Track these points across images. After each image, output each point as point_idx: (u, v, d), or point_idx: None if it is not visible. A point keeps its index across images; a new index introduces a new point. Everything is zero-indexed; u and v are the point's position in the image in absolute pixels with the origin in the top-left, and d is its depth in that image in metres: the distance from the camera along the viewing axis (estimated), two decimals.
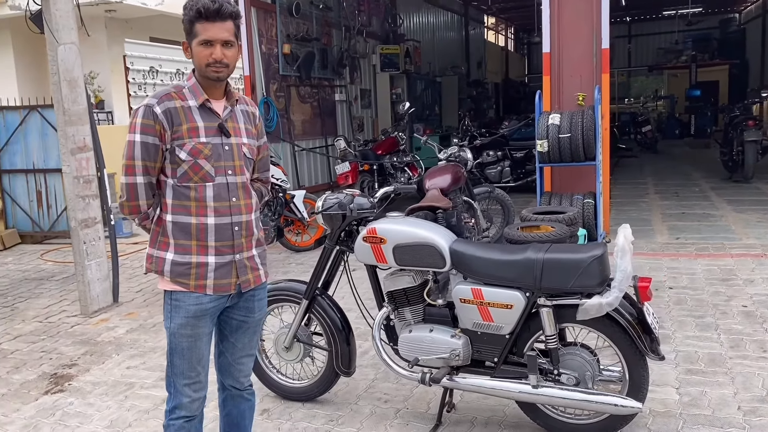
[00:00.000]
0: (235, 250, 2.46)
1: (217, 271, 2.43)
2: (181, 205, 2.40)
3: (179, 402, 2.50)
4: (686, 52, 24.19)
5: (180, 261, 2.41)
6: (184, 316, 2.43)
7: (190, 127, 2.37)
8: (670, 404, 3.44)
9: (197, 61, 2.38)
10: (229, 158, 2.43)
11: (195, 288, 2.42)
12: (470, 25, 21.21)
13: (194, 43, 2.36)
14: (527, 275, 2.97)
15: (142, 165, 2.36)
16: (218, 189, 2.41)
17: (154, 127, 2.34)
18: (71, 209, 5.61)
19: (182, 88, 2.43)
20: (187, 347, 2.45)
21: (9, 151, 8.94)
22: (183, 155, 2.36)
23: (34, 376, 4.35)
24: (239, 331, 2.61)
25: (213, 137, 2.40)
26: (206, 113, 2.42)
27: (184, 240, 2.41)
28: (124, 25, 13.72)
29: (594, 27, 6.76)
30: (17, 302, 6.16)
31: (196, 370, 2.49)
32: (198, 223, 2.40)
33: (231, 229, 2.44)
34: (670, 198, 9.47)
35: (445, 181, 5.81)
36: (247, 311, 2.59)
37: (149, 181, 2.39)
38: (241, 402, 2.74)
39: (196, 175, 2.38)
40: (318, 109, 10.85)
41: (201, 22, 2.32)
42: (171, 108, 2.36)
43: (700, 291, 5.21)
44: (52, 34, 5.33)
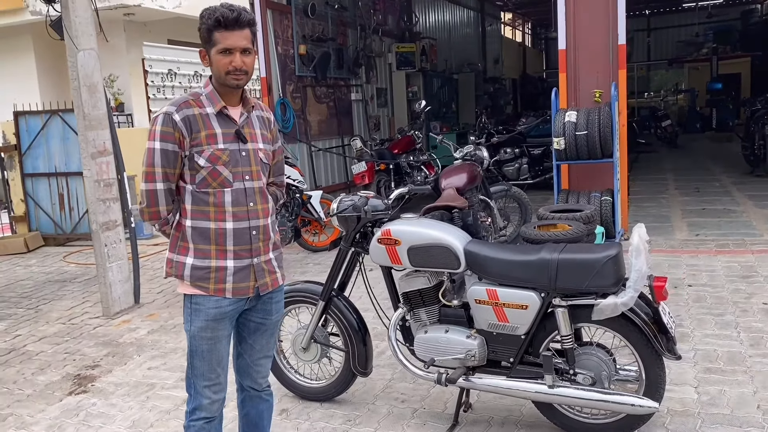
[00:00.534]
0: (253, 253, 2.51)
1: (236, 274, 2.47)
2: (200, 210, 2.45)
3: (199, 403, 2.55)
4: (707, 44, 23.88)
5: (199, 265, 2.46)
6: (204, 319, 2.47)
7: (208, 134, 2.42)
8: (689, 403, 3.42)
9: (217, 69, 2.42)
10: (246, 164, 2.48)
11: (215, 291, 2.46)
12: (487, 21, 21.13)
13: (213, 52, 2.40)
14: (542, 276, 2.98)
15: (162, 172, 2.41)
16: (236, 194, 2.45)
17: (173, 134, 2.38)
18: (92, 212, 5.70)
19: (199, 96, 2.47)
20: (207, 350, 2.50)
21: (31, 155, 9.10)
22: (202, 162, 2.40)
23: (58, 377, 4.44)
24: (257, 333, 2.65)
25: (230, 143, 2.45)
26: (223, 120, 2.46)
27: (204, 244, 2.45)
28: (142, 28, 13.88)
29: (610, 23, 6.70)
30: (41, 304, 6.28)
31: (215, 371, 2.54)
32: (217, 227, 2.44)
33: (249, 233, 2.48)
34: (690, 194, 9.37)
35: (461, 180, 5.82)
36: (265, 313, 2.63)
37: (169, 188, 2.44)
38: (260, 403, 2.79)
39: (214, 180, 2.42)
40: (334, 109, 10.89)
41: (220, 30, 2.36)
42: (190, 115, 2.40)
43: (719, 288, 5.16)
44: (72, 40, 5.42)
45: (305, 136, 9.71)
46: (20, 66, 14.01)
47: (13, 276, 7.57)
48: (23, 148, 9.11)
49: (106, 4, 12.22)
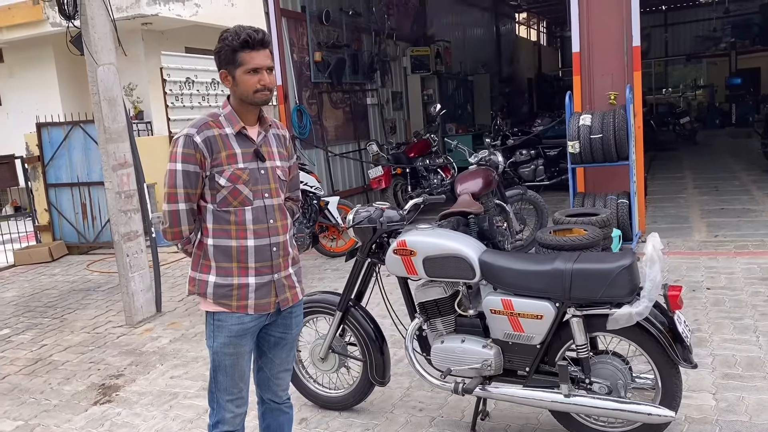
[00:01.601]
0: (274, 269, 2.56)
1: (258, 291, 2.53)
2: (221, 229, 2.50)
3: (222, 417, 2.62)
4: (725, 39, 23.63)
5: (222, 283, 2.51)
6: (226, 336, 2.53)
7: (229, 154, 2.47)
8: (706, 410, 3.42)
9: (244, 88, 2.47)
10: (265, 182, 2.54)
11: (237, 308, 2.51)
12: (501, 21, 21.07)
13: (240, 72, 2.45)
14: (556, 286, 3.00)
15: (184, 193, 2.46)
16: (256, 212, 2.51)
17: (194, 155, 2.44)
18: (114, 224, 5.81)
19: (218, 116, 2.53)
20: (230, 365, 2.56)
21: (54, 166, 9.28)
22: (222, 181, 2.46)
23: (83, 387, 4.55)
24: (277, 348, 2.71)
25: (250, 162, 2.51)
26: (242, 140, 2.52)
27: (226, 262, 2.51)
28: (160, 36, 14.08)
29: (624, 24, 6.68)
30: (66, 313, 6.41)
31: (238, 386, 2.60)
32: (238, 245, 2.50)
33: (270, 250, 2.54)
34: (709, 193, 9.30)
35: (476, 186, 5.86)
36: (285, 328, 2.69)
37: (191, 208, 2.50)
38: (280, 415, 2.84)
39: (235, 199, 2.48)
40: (350, 114, 10.95)
41: (247, 51, 2.43)
42: (210, 136, 2.46)
43: (738, 291, 5.14)
44: (92, 56, 5.53)
45: (322, 142, 9.78)
46: (42, 77, 14.28)
47: (39, 285, 7.73)
48: (46, 158, 9.29)
49: (125, 14, 12.43)
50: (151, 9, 12.55)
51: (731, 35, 23.33)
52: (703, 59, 24.28)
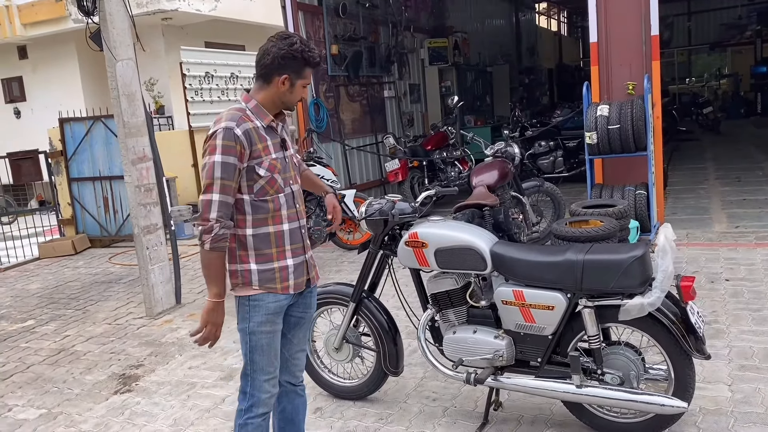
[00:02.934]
0: (306, 250, 2.76)
1: (295, 271, 2.70)
2: (260, 218, 2.62)
3: (258, 399, 2.69)
4: (750, 26, 23.13)
5: (264, 269, 2.63)
6: (264, 314, 2.64)
7: (264, 146, 2.61)
8: (722, 402, 3.40)
9: (294, 96, 2.66)
10: (289, 169, 2.72)
11: (282, 290, 2.66)
12: (520, 11, 20.89)
13: (299, 84, 2.64)
14: (568, 276, 3.00)
15: (221, 184, 2.50)
16: (288, 198, 2.68)
17: (235, 147, 2.51)
18: (134, 217, 5.91)
19: (245, 110, 2.61)
20: (267, 343, 2.67)
21: (77, 160, 9.44)
22: (262, 172, 2.58)
23: (104, 377, 4.65)
24: (297, 327, 2.84)
25: (278, 153, 2.67)
26: (271, 132, 2.66)
27: (266, 249, 2.63)
28: (179, 31, 14.19)
29: (642, 13, 6.60)
30: (88, 305, 6.54)
31: (273, 365, 2.71)
32: (276, 231, 2.65)
33: (300, 232, 2.73)
34: (731, 183, 9.16)
35: (491, 178, 5.83)
36: (305, 307, 2.84)
37: (224, 200, 2.51)
38: (295, 398, 2.93)
39: (272, 188, 2.62)
40: (367, 107, 10.96)
41: (310, 68, 2.64)
42: (248, 129, 2.56)
43: (758, 282, 5.07)
44: (110, 51, 5.61)
45: (339, 135, 9.81)
46: (65, 73, 14.50)
47: (62, 277, 7.89)
48: (69, 153, 9.45)
49: (144, 9, 12.55)
50: (170, 4, 12.66)
51: (757, 23, 22.82)
52: (727, 48, 23.79)
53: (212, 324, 2.60)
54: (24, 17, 13.85)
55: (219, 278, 2.55)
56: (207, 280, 2.58)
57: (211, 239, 2.49)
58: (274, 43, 2.59)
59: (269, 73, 2.60)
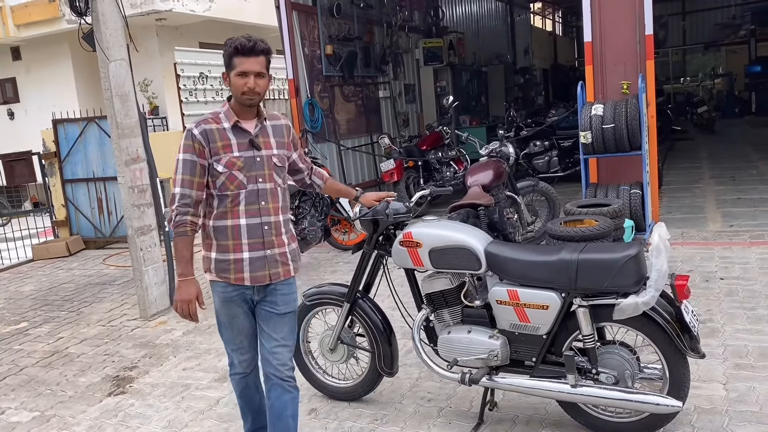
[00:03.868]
0: (266, 246, 2.87)
1: (252, 265, 2.85)
2: (221, 211, 2.85)
3: (231, 362, 3.09)
4: (745, 26, 23.18)
5: (221, 258, 2.86)
6: (219, 300, 2.95)
7: (224, 144, 2.82)
8: (716, 400, 3.40)
9: (234, 89, 2.82)
10: (260, 168, 2.86)
11: (235, 280, 2.86)
12: (515, 11, 20.90)
13: (232, 75, 2.80)
14: (562, 276, 2.99)
15: (181, 179, 2.80)
16: (249, 195, 2.84)
17: (192, 146, 2.80)
18: (128, 218, 5.88)
19: (218, 114, 2.88)
20: (227, 322, 2.97)
21: (70, 162, 9.40)
22: (220, 168, 2.80)
23: (98, 379, 4.62)
24: (268, 322, 2.97)
25: (245, 151, 2.84)
26: (238, 132, 2.85)
27: (224, 240, 2.85)
28: (174, 32, 14.16)
29: (636, 13, 6.60)
30: (82, 307, 6.51)
31: (238, 338, 3.00)
32: (233, 224, 2.84)
33: (261, 228, 2.86)
34: (725, 182, 9.18)
35: (486, 178, 5.84)
36: (272, 305, 2.95)
37: (186, 193, 2.80)
38: (284, 393, 2.97)
39: (231, 184, 2.82)
40: (362, 107, 10.94)
41: (238, 56, 2.77)
42: (207, 129, 2.82)
43: (752, 281, 5.08)
44: (103, 52, 5.59)
45: (334, 136, 9.80)
46: (59, 73, 14.45)
47: (56, 279, 7.85)
48: (62, 154, 9.41)
49: (138, 10, 12.51)
50: (164, 5, 12.63)
51: (751, 22, 22.89)
52: (721, 47, 23.87)
53: (180, 301, 2.83)
54: (17, 18, 13.81)
55: (181, 260, 2.81)
56: (175, 260, 2.88)
57: (172, 226, 2.83)
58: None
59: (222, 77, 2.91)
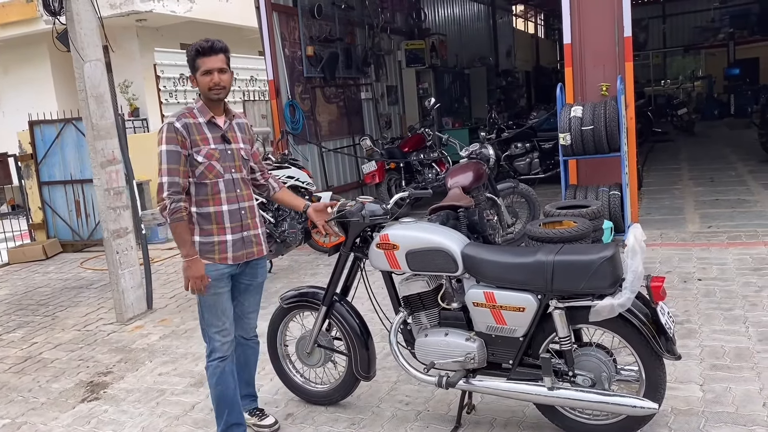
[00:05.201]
0: (244, 228, 3.24)
1: (234, 245, 3.20)
2: (202, 199, 3.15)
3: (213, 346, 3.26)
4: (723, 29, 23.49)
5: (205, 241, 3.17)
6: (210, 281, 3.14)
7: (202, 138, 3.15)
8: (693, 402, 3.40)
9: (201, 87, 3.14)
10: (231, 159, 3.22)
11: (219, 260, 3.18)
12: (498, 14, 20.96)
13: (198, 75, 3.13)
14: (538, 278, 2.98)
15: (168, 168, 3.06)
16: (227, 183, 3.19)
17: (176, 137, 3.08)
18: (103, 221, 5.80)
19: (192, 109, 3.19)
20: (213, 303, 3.21)
21: (47, 164, 9.26)
22: (200, 158, 3.12)
23: (71, 385, 4.54)
24: (246, 293, 3.40)
25: (219, 144, 3.19)
26: (212, 127, 3.20)
27: (207, 225, 3.16)
28: (154, 33, 14.03)
29: (615, 15, 6.63)
30: (58, 311, 6.40)
31: (221, 320, 3.24)
32: (216, 211, 3.17)
33: (239, 213, 3.23)
34: (704, 184, 9.26)
35: (466, 179, 5.84)
36: (252, 276, 3.37)
37: (174, 181, 3.07)
38: (247, 349, 3.53)
39: (210, 173, 3.14)
40: (344, 109, 10.90)
41: (200, 57, 3.10)
42: (187, 123, 3.12)
43: (730, 282, 5.11)
44: (78, 52, 5.50)
45: (315, 137, 9.74)
46: (37, 75, 14.26)
47: (32, 283, 7.72)
48: (39, 156, 9.27)
49: (118, 11, 12.39)
50: (145, 5, 12.51)
51: (729, 25, 23.19)
52: (701, 50, 24.16)
53: (191, 278, 3.09)
54: None
55: (184, 242, 3.09)
56: (177, 245, 3.13)
57: (168, 213, 3.07)
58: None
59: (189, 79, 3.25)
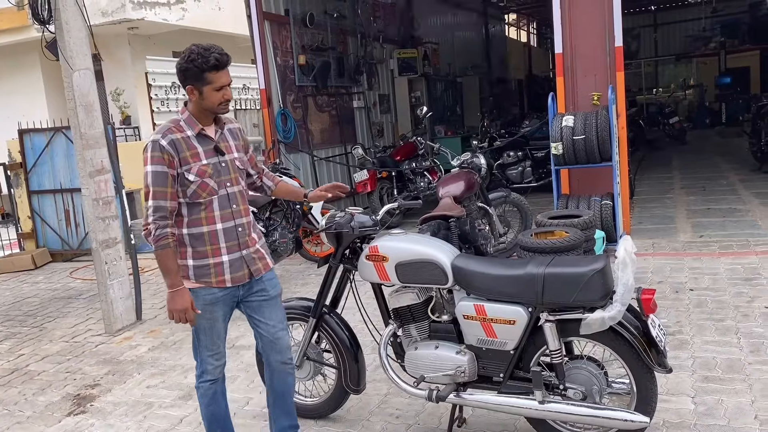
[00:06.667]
0: (242, 247, 2.97)
1: (232, 266, 2.93)
2: (194, 219, 2.88)
3: (205, 369, 3.06)
4: (715, 38, 23.67)
5: (200, 264, 2.90)
6: (201, 304, 2.92)
7: (192, 153, 2.84)
8: (685, 414, 3.38)
9: (210, 102, 2.83)
10: (227, 173, 2.94)
11: (217, 284, 2.92)
12: (490, 22, 21.03)
13: (207, 89, 2.81)
14: (529, 290, 2.95)
15: (153, 191, 2.79)
16: (221, 200, 2.91)
17: (162, 157, 2.78)
18: (92, 231, 5.75)
19: (179, 122, 2.89)
20: (208, 327, 2.99)
21: (37, 173, 9.19)
22: (191, 177, 2.82)
23: (58, 398, 4.47)
24: (264, 309, 3.08)
25: (211, 158, 2.89)
26: (202, 139, 2.90)
27: (200, 247, 2.89)
28: (147, 41, 14.00)
29: (606, 25, 6.65)
30: (46, 322, 6.33)
31: (216, 343, 3.04)
32: (209, 230, 2.89)
33: (236, 231, 2.95)
34: (696, 193, 9.28)
35: (458, 189, 5.81)
36: (262, 292, 3.07)
37: (161, 205, 2.80)
38: (287, 376, 3.20)
39: (203, 191, 2.85)
40: (336, 117, 10.88)
41: (213, 72, 2.78)
42: (174, 139, 2.82)
43: (721, 292, 5.10)
44: (67, 61, 5.46)
45: (307, 146, 9.72)
46: (28, 82, 14.18)
47: (20, 293, 7.64)
48: (28, 165, 9.20)
49: (110, 19, 12.36)
50: (136, 13, 12.49)
51: (720, 34, 23.37)
52: (692, 59, 24.29)
53: (174, 311, 2.84)
54: None
55: (169, 271, 2.82)
56: (162, 273, 2.87)
57: (153, 240, 2.82)
58: (177, 61, 2.85)
59: (182, 86, 2.87)
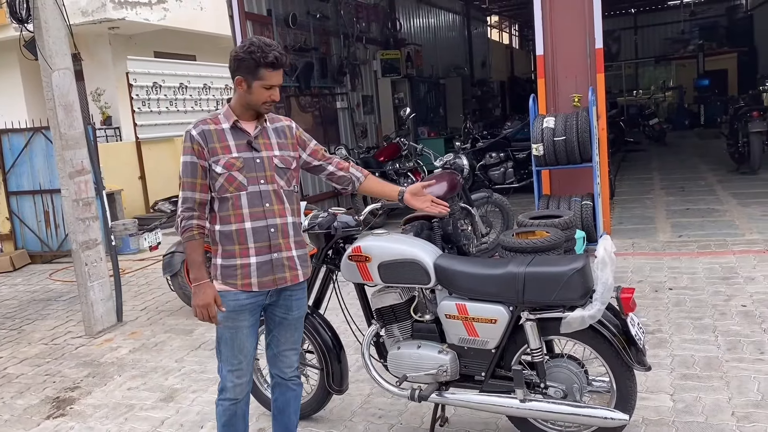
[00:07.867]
0: (273, 249, 2.78)
1: (259, 269, 2.76)
2: (224, 215, 2.77)
3: (225, 385, 2.88)
4: (693, 41, 24.00)
5: (227, 264, 2.77)
6: (227, 310, 2.77)
7: (223, 146, 2.75)
8: (664, 411, 3.42)
9: (256, 99, 2.74)
10: (261, 169, 2.78)
11: (242, 287, 2.76)
12: (472, 24, 21.13)
13: (257, 85, 2.71)
14: (509, 289, 2.97)
15: (183, 181, 2.76)
16: (252, 197, 2.76)
17: (191, 147, 2.74)
18: (72, 232, 5.69)
19: (218, 115, 2.83)
20: (229, 337, 2.81)
21: (15, 173, 9.07)
22: (219, 169, 2.72)
23: (37, 401, 4.42)
24: (281, 327, 2.96)
25: (244, 152, 2.77)
26: (237, 133, 2.78)
27: (229, 245, 2.77)
28: (128, 41, 13.88)
29: (587, 27, 6.72)
30: (24, 324, 6.25)
31: (237, 358, 2.83)
32: (237, 228, 2.75)
33: (267, 231, 2.77)
34: (675, 193, 9.39)
35: (440, 189, 5.82)
36: (286, 309, 2.92)
37: (191, 197, 2.75)
38: (287, 391, 3.07)
39: (231, 185, 2.73)
40: (319, 118, 10.86)
41: (269, 69, 2.69)
42: (205, 130, 2.75)
43: (699, 291, 5.17)
44: (46, 60, 5.40)
45: None
46: (7, 82, 13.99)
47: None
48: (7, 166, 9.07)
49: (90, 18, 12.24)
50: (117, 13, 12.37)
51: (699, 37, 23.69)
52: (672, 61, 24.62)
53: (197, 306, 2.72)
54: None
55: (194, 264, 2.74)
56: (188, 266, 2.82)
57: (180, 231, 2.77)
58: (234, 48, 2.77)
59: (232, 76, 2.76)
